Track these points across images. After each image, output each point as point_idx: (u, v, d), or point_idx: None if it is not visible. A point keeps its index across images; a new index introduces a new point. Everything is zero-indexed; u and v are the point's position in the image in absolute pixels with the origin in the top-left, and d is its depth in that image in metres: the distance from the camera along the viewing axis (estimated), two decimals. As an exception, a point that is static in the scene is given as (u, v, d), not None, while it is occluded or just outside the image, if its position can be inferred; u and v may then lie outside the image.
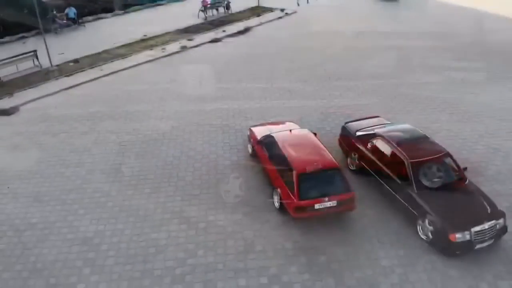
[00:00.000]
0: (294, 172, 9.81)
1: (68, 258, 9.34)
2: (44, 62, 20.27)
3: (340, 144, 12.74)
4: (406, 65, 19.60)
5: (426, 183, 9.90)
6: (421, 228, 9.61)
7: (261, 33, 24.77)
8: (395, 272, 8.85)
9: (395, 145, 10.62)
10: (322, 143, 11.14)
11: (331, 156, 10.35)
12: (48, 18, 25.49)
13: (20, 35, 24.88)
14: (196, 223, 10.30)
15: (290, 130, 11.70)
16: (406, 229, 9.94)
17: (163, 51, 22.01)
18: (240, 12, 29.18)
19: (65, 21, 26.17)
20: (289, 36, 24.00)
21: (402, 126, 11.76)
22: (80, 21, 26.87)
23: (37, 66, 20.25)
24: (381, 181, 10.77)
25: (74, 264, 9.20)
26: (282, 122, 13.38)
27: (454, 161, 10.45)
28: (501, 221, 9.25)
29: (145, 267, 9.10)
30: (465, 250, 9.07)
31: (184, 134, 14.13)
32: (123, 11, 30.32)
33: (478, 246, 9.05)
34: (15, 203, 11.11)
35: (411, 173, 9.97)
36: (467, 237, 8.94)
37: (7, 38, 24.54)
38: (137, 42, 23.62)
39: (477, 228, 8.98)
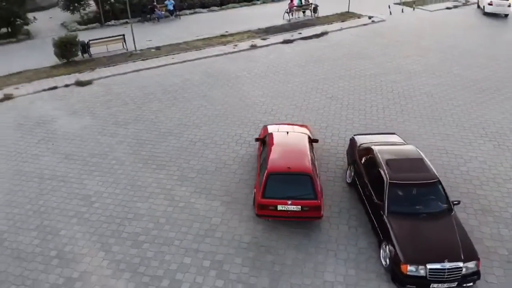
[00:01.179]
0: (266, 171, 10.06)
1: (65, 208, 11.05)
2: (135, 46, 23.23)
3: (346, 155, 12.42)
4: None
5: (399, 207, 9.30)
6: (383, 253, 9.09)
7: (335, 38, 24.44)
8: (336, 287, 8.62)
9: (382, 163, 10.11)
10: (311, 149, 11.14)
11: (308, 163, 10.27)
12: (149, 8, 28.87)
13: (124, 20, 28.58)
14: (177, 201, 11.21)
15: (288, 132, 11.85)
16: (372, 251, 9.49)
17: (233, 48, 23.28)
18: (326, 17, 29.04)
19: (163, 12, 29.23)
20: (361, 43, 23.28)
21: (403, 147, 11.05)
22: (176, 13, 29.69)
23: (124, 49, 23.24)
24: (364, 197, 10.36)
25: (68, 213, 10.86)
26: (297, 124, 13.54)
27: (444, 191, 9.57)
28: (470, 265, 8.31)
29: (117, 228, 10.33)
30: (418, 286, 8.37)
31: (203, 125, 15.20)
32: (219, 8, 32.54)
33: (434, 286, 8.29)
34: (51, 158, 13.33)
35: (387, 193, 9.44)
36: (421, 272, 8.26)
37: (112, 22, 28.44)
38: (216, 37, 25.30)
39: (435, 266, 8.23)
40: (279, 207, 9.76)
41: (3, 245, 9.87)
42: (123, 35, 23.04)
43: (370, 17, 28.13)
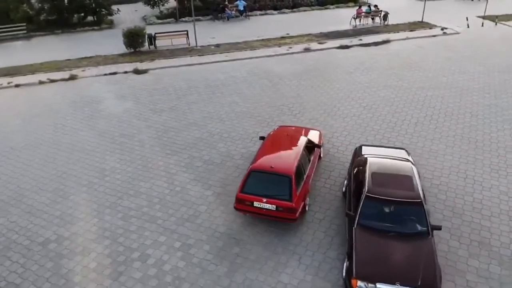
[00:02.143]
0: (249, 167, 10.36)
1: (81, 178, 12.48)
2: (196, 42, 24.76)
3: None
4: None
5: (370, 221, 8.98)
6: (345, 264, 8.87)
7: (395, 48, 23.42)
8: (287, 284, 8.69)
9: (368, 175, 9.82)
10: (307, 153, 11.14)
11: (294, 165, 10.30)
12: (220, 8, 30.36)
13: (196, 17, 30.37)
14: (175, 186, 11.99)
15: (287, 134, 11.96)
16: (338, 262, 9.30)
17: (287, 50, 23.58)
18: (396, 25, 27.85)
19: (233, 12, 30.50)
20: (422, 55, 21.99)
21: (398, 162, 10.51)
22: (246, 14, 30.76)
23: (187, 44, 24.83)
24: (347, 207, 10.13)
25: (81, 182, 12.26)
26: (310, 128, 13.57)
27: (424, 213, 8.99)
28: (425, 293, 7.78)
29: (116, 201, 11.42)
30: (370, 304, 8.07)
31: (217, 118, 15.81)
32: (290, 10, 32.94)
33: (384, 308, 7.93)
34: (87, 133, 15.02)
35: (361, 205, 9.19)
36: (373, 291, 7.96)
37: (186, 18, 30.37)
38: (276, 38, 25.79)
39: (385, 285, 7.86)
40: (255, 204, 10.00)
41: (22, 201, 11.53)
42: (187, 31, 24.63)
43: (442, 29, 26.39)
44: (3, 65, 22.04)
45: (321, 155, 12.99)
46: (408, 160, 10.77)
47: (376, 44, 24.20)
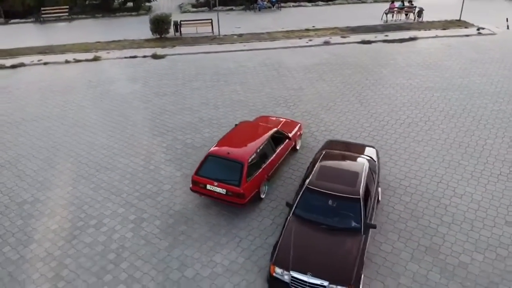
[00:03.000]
0: (208, 151, 10.79)
1: (72, 150, 13.57)
2: (222, 30, 25.39)
3: (319, 157, 12.14)
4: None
5: (305, 212, 9.07)
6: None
7: (420, 46, 22.43)
8: (215, 268, 9.06)
9: (316, 167, 9.89)
10: (270, 143, 11.33)
11: (249, 153, 10.55)
12: (252, -2, 30.77)
13: (230, 7, 30.99)
14: (150, 164, 12.70)
15: (255, 123, 12.19)
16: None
17: (306, 42, 23.47)
18: (430, 22, 26.60)
19: (265, 3, 30.68)
20: (445, 54, 20.93)
21: (356, 159, 10.41)
22: (278, 5, 30.81)
23: (211, 32, 25.49)
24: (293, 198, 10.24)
25: (70, 154, 13.35)
26: (290, 120, 13.69)
27: (361, 210, 8.90)
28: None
29: (93, 173, 12.36)
30: (284, 291, 8.25)
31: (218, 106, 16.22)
32: (325, 3, 32.48)
33: (296, 296, 8.08)
34: (91, 111, 16.19)
35: (299, 196, 9.31)
36: (285, 278, 8.14)
37: (220, 8, 30.96)
38: (300, 30, 25.72)
39: (298, 276, 8.01)
40: (208, 187, 10.42)
41: (15, 165, 12.83)
42: (211, 19, 25.29)
43: (478, 29, 24.83)
44: (41, 43, 24.09)
45: (297, 147, 13.10)
46: (368, 158, 10.61)
47: (401, 41, 23.36)
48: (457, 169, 12.24)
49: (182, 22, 25.14)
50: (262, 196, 11.05)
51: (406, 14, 27.61)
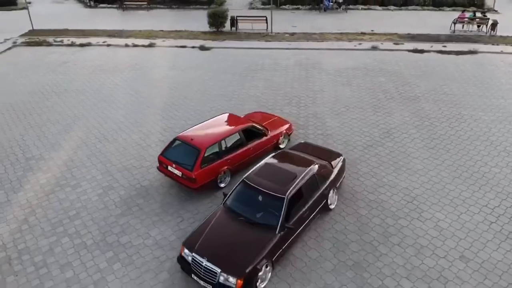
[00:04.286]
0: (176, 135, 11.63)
1: (89, 121, 15.41)
2: (276, 28, 25.91)
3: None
4: None
5: (234, 204, 9.43)
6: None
7: (476, 60, 20.34)
8: (147, 239, 9.91)
9: (259, 164, 10.21)
10: (241, 135, 11.77)
11: (211, 142, 11.13)
12: (319, -2, 30.57)
13: (297, 6, 31.22)
14: (143, 142, 13.93)
15: (238, 117, 12.65)
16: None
17: (354, 46, 22.85)
18: (503, 37, 23.82)
19: (331, 4, 30.24)
20: (498, 73, 18.80)
21: (302, 161, 10.39)
22: (344, 7, 30.14)
23: (266, 29, 26.09)
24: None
25: (87, 124, 15.20)
26: (279, 118, 14.05)
27: (281, 210, 8.94)
28: (229, 278, 8.10)
29: (94, 143, 13.97)
30: (185, 271, 8.77)
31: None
32: (397, 7, 30.85)
33: (193, 276, 8.55)
34: (122, 90, 18.03)
35: (234, 188, 9.73)
36: (189, 258, 8.67)
37: (287, 6, 31.47)
38: (355, 34, 25.02)
39: (196, 258, 8.50)
40: (169, 168, 11.27)
41: (41, 128, 15.01)
42: (265, 16, 25.86)
43: (561, 46, 21.67)
44: (115, 27, 27.03)
45: (281, 146, 13.19)
46: (322, 164, 10.45)
47: (457, 53, 21.52)
48: (438, 192, 11.38)
49: (238, 18, 26.18)
50: (222, 185, 11.54)
51: (479, 26, 25.12)
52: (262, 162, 10.29)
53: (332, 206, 10.67)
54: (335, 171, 10.80)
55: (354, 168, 12.38)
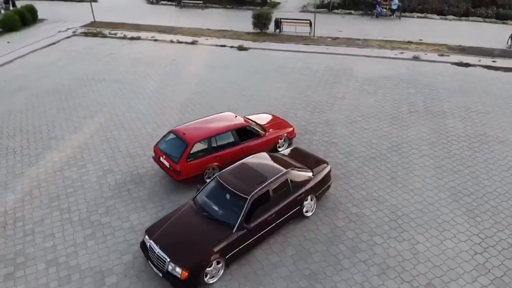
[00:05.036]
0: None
1: (115, 108, 16.59)
2: (321, 32, 25.69)
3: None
4: None
5: (203, 200, 9.76)
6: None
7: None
8: (125, 222, 10.61)
9: (236, 164, 10.44)
10: (234, 134, 12.03)
11: (200, 137, 11.53)
12: (372, 4, 29.52)
13: (349, 11, 30.58)
14: (154, 130, 14.74)
15: (238, 116, 12.87)
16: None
17: (395, 54, 21.93)
18: None
19: (384, 10, 29.12)
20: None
21: (279, 165, 10.30)
22: (398, 14, 28.87)
23: (309, 32, 25.92)
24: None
25: (113, 109, 16.37)
26: (282, 120, 14.13)
27: (242, 210, 9.07)
28: (176, 268, 8.42)
29: (110, 127, 15.07)
30: (146, 257, 9.21)
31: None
32: (456, 17, 28.86)
33: (150, 263, 9.03)
34: (154, 83, 19.08)
35: (206, 184, 10.05)
36: (148, 245, 9.09)
37: (339, 11, 30.90)
38: (401, 42, 23.95)
39: (152, 245, 8.93)
40: (161, 158, 11.85)
41: (70, 112, 16.47)
42: (309, 20, 25.66)
43: None
44: (168, 24, 28.45)
45: (279, 148, 13.19)
46: (301, 171, 10.38)
47: (506, 69, 19.78)
48: (428, 213, 10.73)
49: (282, 20, 26.28)
50: (208, 180, 11.88)
51: (543, 41, 22.81)
52: (239, 161, 10.48)
53: (308, 214, 10.56)
54: (316, 179, 10.65)
55: (347, 179, 12.09)
